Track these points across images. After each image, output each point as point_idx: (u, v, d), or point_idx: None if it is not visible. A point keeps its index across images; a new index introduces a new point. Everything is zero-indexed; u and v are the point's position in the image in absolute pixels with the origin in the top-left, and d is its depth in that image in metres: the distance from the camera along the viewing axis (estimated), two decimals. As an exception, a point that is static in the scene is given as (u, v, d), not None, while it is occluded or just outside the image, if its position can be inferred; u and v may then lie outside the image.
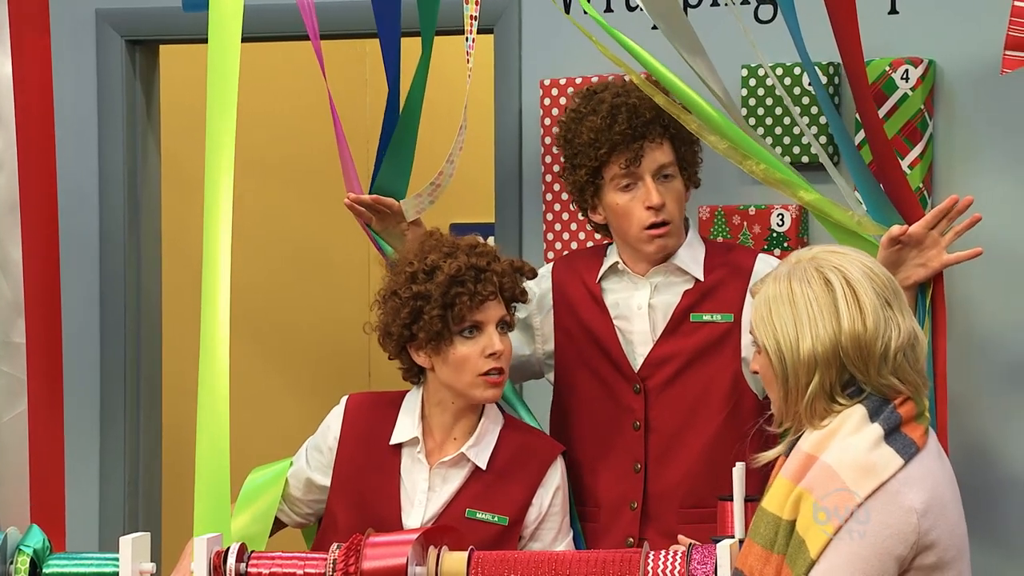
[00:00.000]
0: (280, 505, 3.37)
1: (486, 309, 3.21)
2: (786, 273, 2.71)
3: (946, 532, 2.61)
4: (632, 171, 3.33)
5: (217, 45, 3.00)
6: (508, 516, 3.23)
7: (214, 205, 2.93)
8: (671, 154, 3.34)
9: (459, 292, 3.18)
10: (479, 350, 3.20)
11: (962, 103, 3.79)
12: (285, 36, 4.30)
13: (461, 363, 3.20)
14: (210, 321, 2.91)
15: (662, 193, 3.32)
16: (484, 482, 3.24)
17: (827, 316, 2.65)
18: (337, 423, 3.34)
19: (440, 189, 3.54)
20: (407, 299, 3.20)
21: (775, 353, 2.68)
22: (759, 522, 2.66)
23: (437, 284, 3.18)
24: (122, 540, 2.77)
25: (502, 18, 4.18)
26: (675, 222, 3.35)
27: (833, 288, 2.66)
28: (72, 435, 4.16)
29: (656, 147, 3.32)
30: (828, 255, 2.73)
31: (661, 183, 3.33)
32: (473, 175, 5.04)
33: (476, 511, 3.22)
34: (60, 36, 3.96)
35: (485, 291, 3.19)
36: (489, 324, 3.22)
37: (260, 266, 5.85)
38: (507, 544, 3.21)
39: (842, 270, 2.69)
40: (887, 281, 2.71)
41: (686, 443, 3.33)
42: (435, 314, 3.17)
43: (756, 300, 2.74)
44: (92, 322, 4.52)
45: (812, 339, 2.64)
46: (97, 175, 4.52)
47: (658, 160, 3.33)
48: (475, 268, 3.20)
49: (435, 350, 3.21)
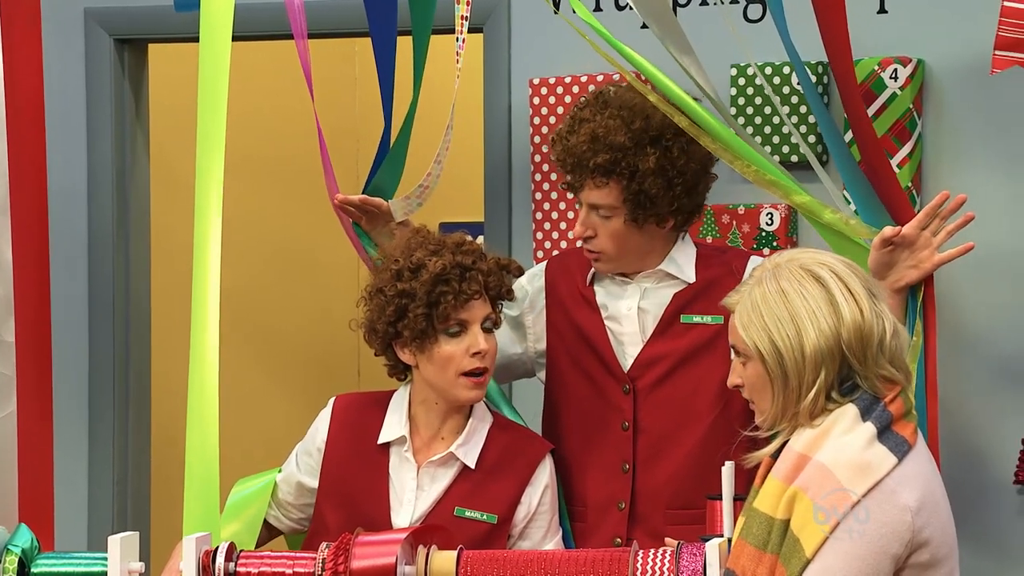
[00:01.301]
0: (272, 511, 3.37)
1: (471, 308, 3.21)
2: (770, 275, 2.70)
3: (939, 529, 2.62)
4: (574, 192, 3.36)
5: (208, 45, 3.00)
6: (497, 514, 3.22)
7: (205, 205, 2.93)
8: (613, 197, 3.28)
9: (444, 291, 3.17)
10: (464, 349, 3.20)
11: (951, 102, 3.80)
12: (273, 35, 4.29)
13: (446, 361, 3.20)
14: (199, 320, 2.90)
15: (594, 225, 3.31)
16: (473, 481, 3.24)
17: (826, 310, 2.64)
18: (325, 425, 3.34)
19: (428, 191, 3.54)
20: (392, 297, 3.20)
21: (772, 355, 2.66)
22: (751, 522, 2.66)
23: (422, 282, 3.17)
24: (111, 539, 2.76)
25: (491, 17, 4.18)
26: (608, 252, 3.33)
27: (825, 282, 2.66)
28: (61, 434, 4.18)
29: (595, 187, 3.29)
30: (806, 255, 2.73)
31: (597, 216, 3.32)
32: (462, 174, 5.04)
33: (465, 509, 3.22)
34: (48, 35, 3.95)
35: (470, 290, 3.19)
36: (474, 323, 3.22)
37: (249, 266, 5.84)
38: (496, 542, 3.20)
39: (828, 265, 2.69)
40: (865, 274, 2.73)
41: (675, 444, 3.33)
42: (420, 312, 3.17)
43: (739, 308, 2.72)
44: (81, 321, 4.52)
45: (816, 334, 2.63)
46: (86, 175, 4.51)
47: (591, 198, 3.31)
48: (460, 267, 3.19)
49: (420, 348, 3.21)
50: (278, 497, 3.37)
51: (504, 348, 3.45)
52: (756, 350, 2.68)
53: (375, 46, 3.63)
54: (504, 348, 3.45)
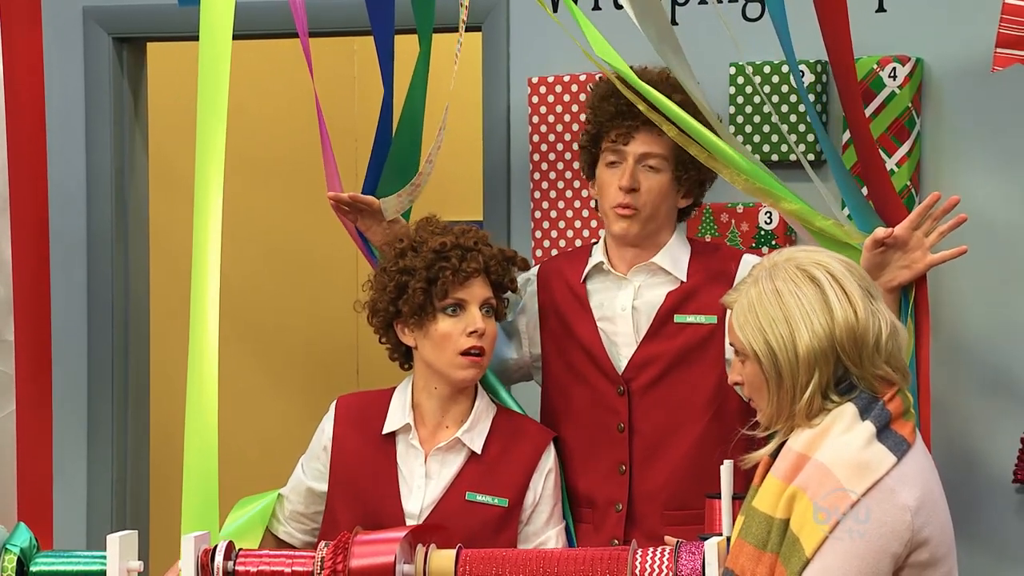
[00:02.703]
0: (283, 526, 3.38)
1: (470, 287, 3.23)
2: (767, 275, 2.70)
3: (938, 528, 2.62)
4: (619, 149, 3.32)
5: (208, 44, 2.99)
6: (508, 498, 3.24)
7: (204, 204, 2.92)
8: (665, 147, 3.30)
9: (443, 267, 3.20)
10: (461, 328, 3.22)
11: (950, 101, 3.79)
12: (272, 34, 4.29)
13: (443, 340, 3.22)
14: (199, 319, 2.90)
15: (640, 180, 3.31)
16: (481, 466, 3.26)
17: (819, 310, 2.64)
18: (329, 425, 3.35)
19: (419, 189, 3.54)
20: (393, 273, 3.24)
21: (767, 356, 2.66)
22: (750, 522, 2.66)
23: (422, 257, 3.21)
24: (110, 538, 2.76)
25: (490, 16, 4.17)
26: (645, 211, 3.32)
27: (820, 283, 2.66)
28: (60, 433, 4.16)
29: (649, 135, 3.29)
30: (804, 254, 2.73)
31: (644, 171, 3.31)
32: (461, 172, 5.04)
33: (476, 494, 3.24)
34: (47, 34, 3.94)
35: (469, 268, 3.21)
36: (473, 303, 3.23)
37: (248, 264, 5.84)
38: (510, 526, 3.23)
39: (824, 264, 2.68)
40: (864, 273, 2.73)
41: (671, 445, 3.33)
42: (419, 287, 3.20)
43: (736, 308, 2.72)
44: (80, 320, 4.50)
45: (809, 335, 2.63)
46: (85, 174, 4.50)
47: (645, 147, 3.30)
48: (461, 247, 3.22)
49: (418, 325, 3.23)
50: (287, 511, 3.38)
51: (500, 353, 3.46)
52: (751, 350, 2.68)
53: (377, 44, 3.62)
54: (500, 353, 3.46)
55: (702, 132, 3.23)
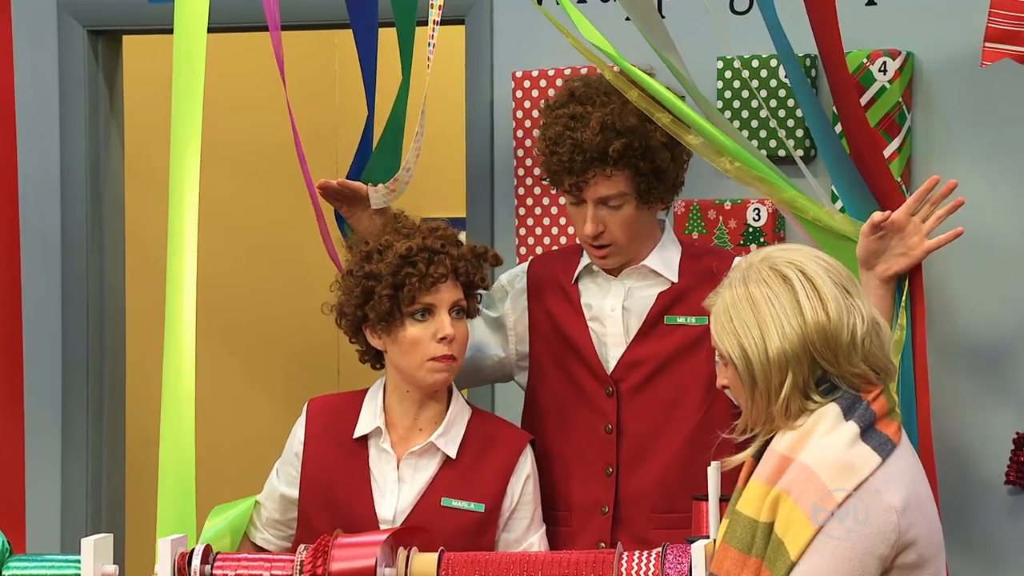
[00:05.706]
0: (261, 532, 3.35)
1: (438, 291, 3.19)
2: (740, 278, 2.70)
3: (925, 529, 2.61)
4: (576, 195, 3.30)
5: (183, 36, 3.03)
6: (485, 503, 3.21)
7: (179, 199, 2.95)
8: (622, 184, 3.26)
9: (409, 272, 3.16)
10: (430, 333, 3.19)
11: (940, 95, 3.79)
12: (249, 27, 4.25)
13: (412, 346, 3.19)
14: (175, 317, 2.92)
15: (603, 219, 3.28)
16: (456, 471, 3.23)
17: (790, 312, 2.64)
18: (301, 429, 3.33)
19: (395, 195, 3.51)
20: (359, 278, 3.21)
21: (741, 359, 2.66)
22: (734, 526, 2.65)
23: (387, 263, 3.17)
24: (84, 541, 2.77)
25: (473, 9, 4.17)
26: (619, 243, 3.31)
27: (791, 283, 2.66)
28: (33, 434, 4.17)
29: (600, 180, 3.26)
30: (780, 253, 2.73)
31: (607, 211, 3.29)
32: (444, 169, 5.03)
33: (452, 500, 3.21)
34: (20, 26, 3.95)
35: (436, 273, 3.17)
36: (441, 308, 3.20)
37: (226, 261, 5.83)
38: (487, 531, 3.20)
39: (797, 264, 2.68)
40: (842, 270, 2.72)
41: (659, 447, 3.32)
42: (385, 294, 3.17)
43: (714, 312, 2.73)
44: (54, 319, 4.50)
45: (779, 338, 2.63)
46: (59, 169, 4.49)
47: (600, 192, 3.27)
48: (428, 250, 3.19)
49: (386, 331, 3.20)
50: (264, 517, 3.35)
51: (484, 350, 3.44)
52: (728, 355, 2.69)
53: (356, 35, 3.63)
54: (484, 350, 3.44)
55: (696, 119, 3.22)
